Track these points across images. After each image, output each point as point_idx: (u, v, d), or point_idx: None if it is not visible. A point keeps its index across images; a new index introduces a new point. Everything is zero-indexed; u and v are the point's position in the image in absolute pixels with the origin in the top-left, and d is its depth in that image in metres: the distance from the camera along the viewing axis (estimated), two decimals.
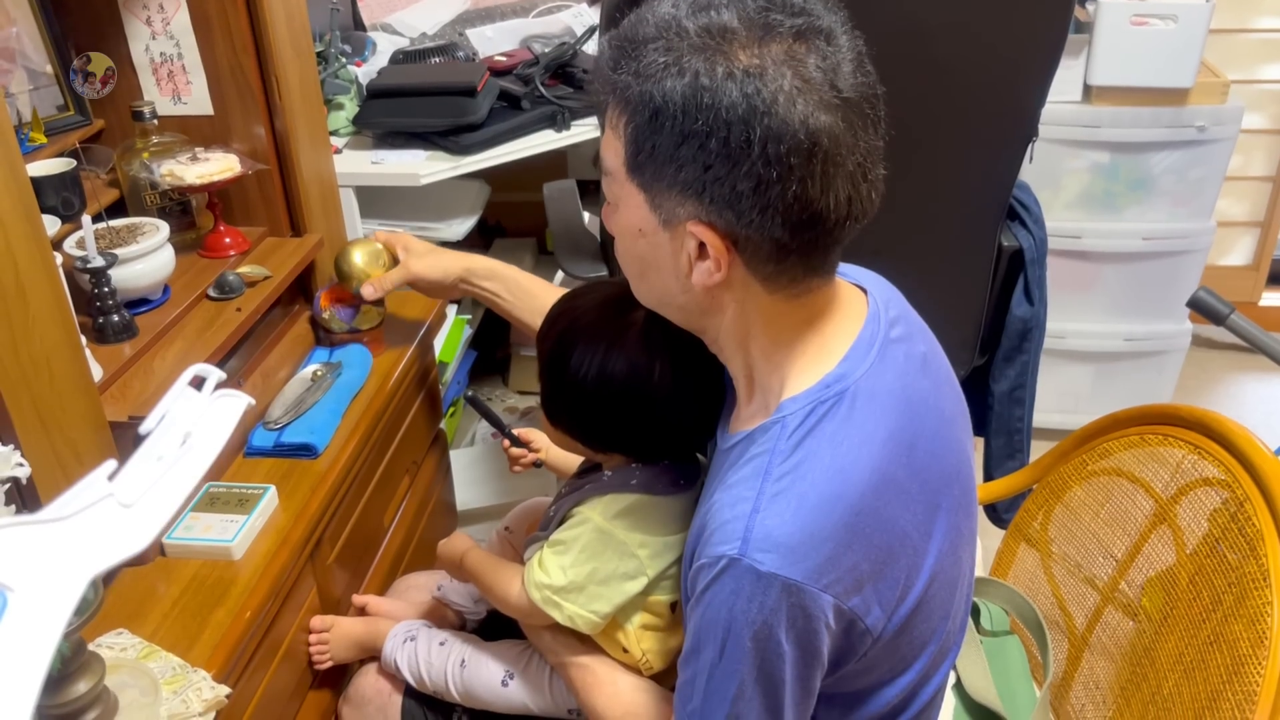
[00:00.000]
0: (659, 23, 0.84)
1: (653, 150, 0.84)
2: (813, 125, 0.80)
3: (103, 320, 1.29)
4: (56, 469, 1.03)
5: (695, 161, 0.82)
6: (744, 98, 0.79)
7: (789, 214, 0.82)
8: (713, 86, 0.80)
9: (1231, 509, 1.09)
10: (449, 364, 2.22)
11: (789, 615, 0.84)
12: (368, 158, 2.03)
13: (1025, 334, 1.89)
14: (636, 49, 0.84)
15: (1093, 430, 1.32)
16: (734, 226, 0.84)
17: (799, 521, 0.84)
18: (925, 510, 0.90)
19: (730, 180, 0.81)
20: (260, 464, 1.36)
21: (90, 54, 1.43)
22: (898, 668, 0.95)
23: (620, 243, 0.95)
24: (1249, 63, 2.78)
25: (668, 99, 0.81)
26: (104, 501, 0.69)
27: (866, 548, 0.85)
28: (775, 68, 0.80)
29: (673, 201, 0.85)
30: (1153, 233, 2.46)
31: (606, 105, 0.89)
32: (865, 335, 0.92)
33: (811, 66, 0.81)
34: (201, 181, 1.45)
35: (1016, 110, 1.65)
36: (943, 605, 0.95)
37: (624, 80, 0.84)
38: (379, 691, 1.29)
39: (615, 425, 1.08)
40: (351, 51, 2.27)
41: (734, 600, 0.85)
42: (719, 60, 0.80)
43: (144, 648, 1.07)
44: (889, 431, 0.88)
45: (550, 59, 2.19)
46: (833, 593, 0.84)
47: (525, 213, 2.76)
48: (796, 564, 0.83)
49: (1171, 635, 1.13)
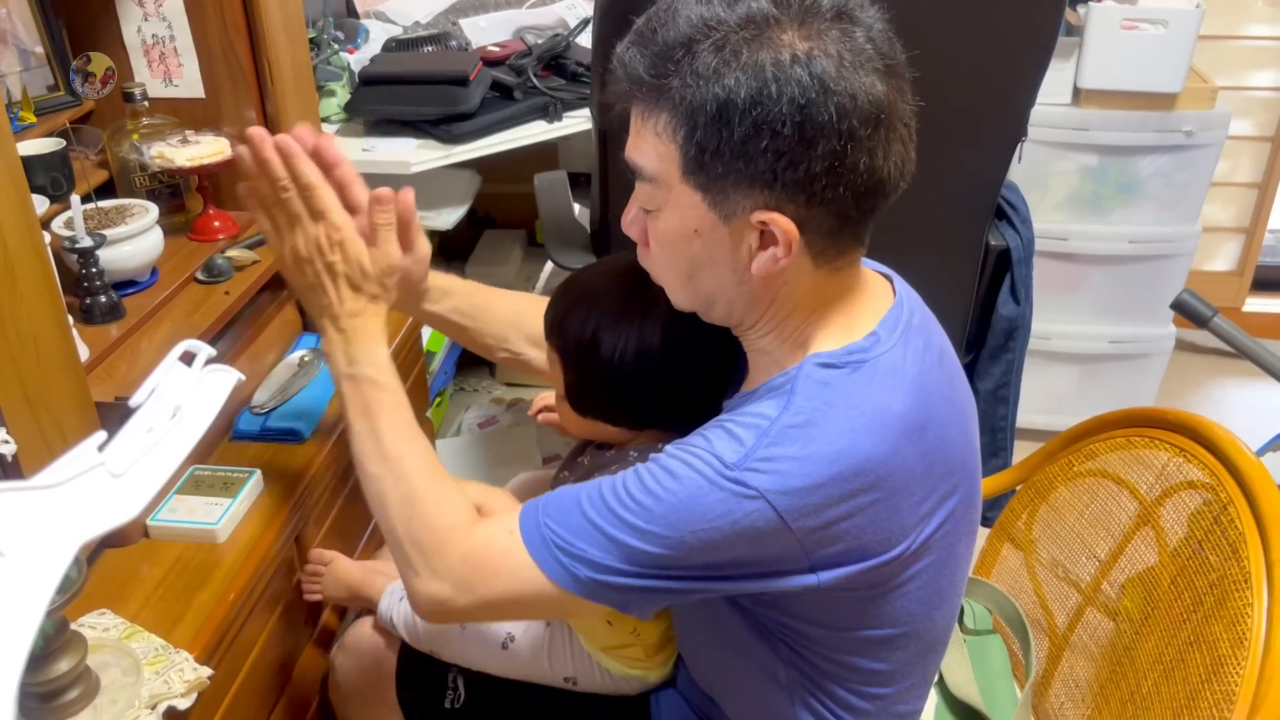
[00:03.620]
0: (694, 21, 0.83)
1: (718, 149, 0.83)
2: (874, 94, 0.82)
3: (90, 301, 1.29)
4: (42, 447, 1.02)
5: (767, 152, 0.82)
6: (813, 79, 0.80)
7: (858, 185, 0.84)
8: (781, 75, 0.80)
9: (1215, 512, 1.10)
10: (436, 354, 2.22)
11: (746, 528, 0.85)
12: (359, 145, 2.02)
13: (1011, 333, 1.91)
14: (680, 51, 0.83)
15: (1079, 431, 1.32)
16: (803, 208, 0.85)
17: (802, 458, 0.85)
18: (924, 492, 0.91)
19: (805, 163, 0.82)
20: (246, 448, 1.36)
21: (90, 54, 1.42)
22: (874, 640, 0.96)
23: (665, 248, 0.93)
24: (1237, 69, 2.80)
25: (733, 95, 0.81)
26: (94, 470, 0.69)
27: (853, 509, 0.87)
28: (832, 44, 0.81)
29: (738, 195, 0.85)
30: (1139, 236, 2.47)
31: (645, 112, 0.87)
32: (891, 317, 0.94)
33: (860, 38, 0.83)
34: (192, 164, 1.44)
35: (1006, 110, 1.66)
36: (932, 590, 0.96)
37: (676, 85, 0.83)
38: (375, 644, 1.29)
39: (654, 400, 1.08)
40: (344, 38, 2.26)
41: (708, 493, 0.86)
42: (777, 47, 0.81)
43: (126, 628, 1.06)
44: (905, 408, 0.89)
45: (543, 50, 2.19)
46: (800, 536, 0.86)
47: (516, 204, 2.76)
48: (783, 495, 0.85)
49: (1152, 635, 1.14)
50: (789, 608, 0.95)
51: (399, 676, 1.26)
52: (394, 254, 1.08)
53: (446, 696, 1.24)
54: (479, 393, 2.72)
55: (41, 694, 0.96)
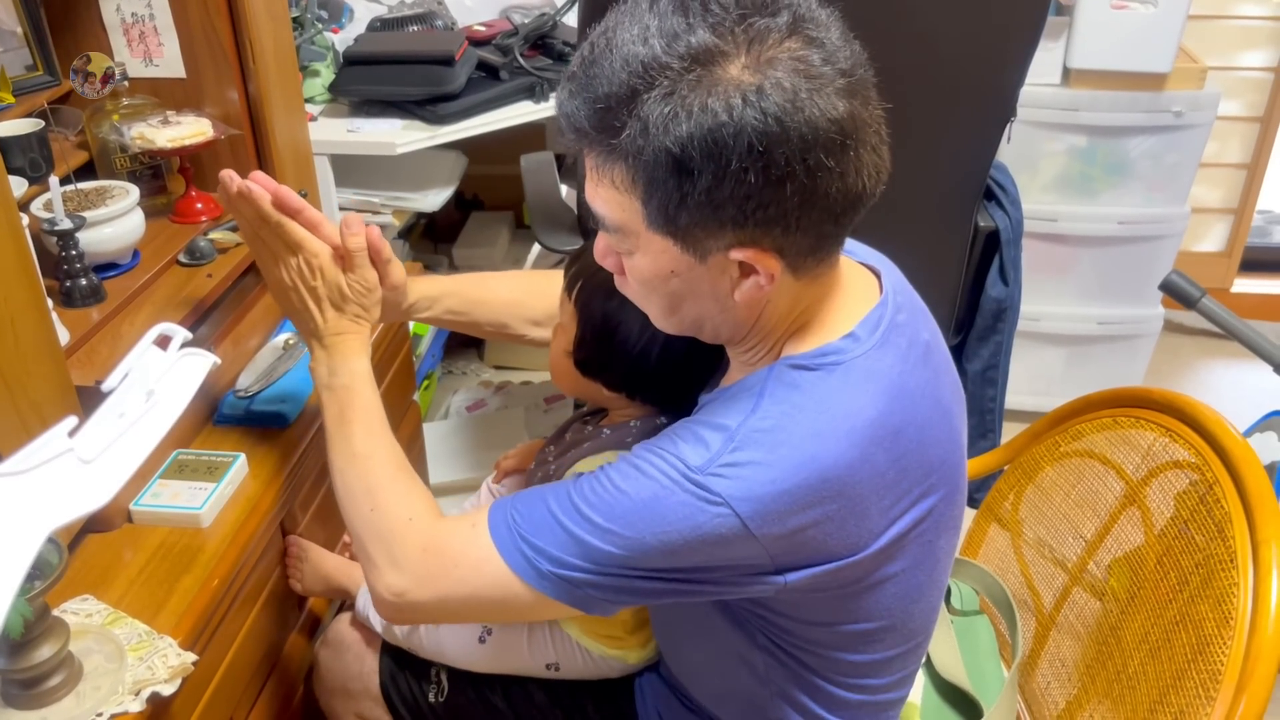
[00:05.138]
0: (633, 65, 0.78)
1: (681, 200, 0.80)
2: (836, 117, 0.78)
3: (70, 284, 1.27)
4: (21, 431, 1.01)
5: (734, 197, 0.79)
6: (768, 119, 0.76)
7: (833, 208, 0.82)
8: (733, 119, 0.76)
9: (1200, 491, 1.10)
10: (423, 337, 2.21)
11: (709, 533, 0.84)
12: (343, 125, 2.00)
13: (999, 314, 1.91)
14: (625, 104, 0.78)
15: (1066, 412, 1.32)
16: (780, 238, 0.82)
17: (767, 464, 0.84)
18: (894, 496, 0.90)
19: (776, 202, 0.79)
20: (230, 432, 1.35)
21: (90, 54, 1.41)
22: (850, 634, 0.96)
23: (643, 286, 0.91)
24: (1227, 49, 2.79)
25: (688, 148, 0.77)
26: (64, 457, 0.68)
27: (820, 517, 0.86)
28: (784, 74, 0.77)
29: (710, 238, 0.83)
30: (1128, 217, 2.47)
31: (599, 165, 0.84)
32: (872, 318, 0.92)
33: (815, 60, 0.78)
34: (173, 145, 1.43)
35: (995, 90, 1.65)
36: (910, 586, 0.95)
37: (626, 140, 0.79)
38: (357, 639, 1.29)
39: (662, 381, 1.08)
40: (328, 18, 2.24)
41: (671, 494, 0.85)
42: (726, 88, 0.76)
43: (110, 614, 1.06)
44: (877, 413, 0.88)
45: (530, 30, 2.17)
46: (765, 543, 0.85)
47: (502, 186, 2.75)
48: (747, 501, 0.83)
49: (1138, 615, 1.14)
50: (764, 601, 0.95)
51: (382, 670, 1.26)
52: (369, 277, 1.12)
53: (430, 690, 1.24)
54: (467, 376, 2.71)
55: (24, 680, 0.95)
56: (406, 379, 1.75)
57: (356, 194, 2.07)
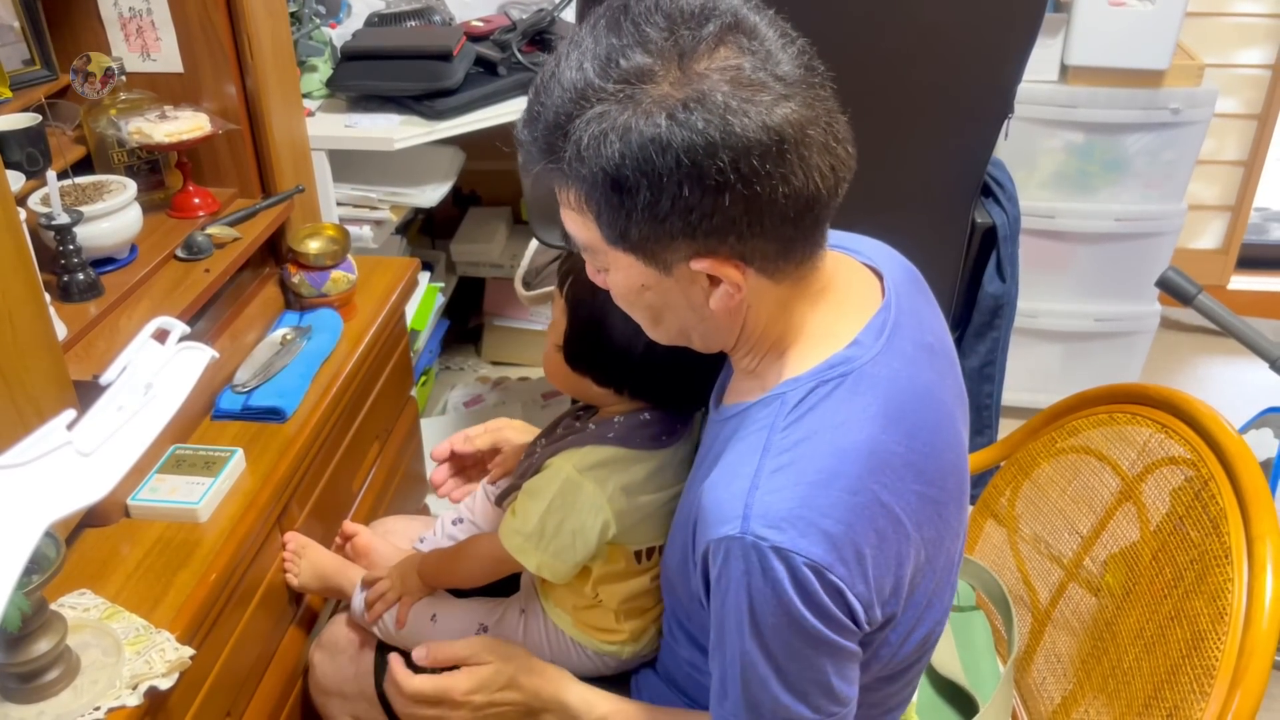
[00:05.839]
0: (568, 90, 0.79)
1: (629, 217, 0.80)
2: (772, 123, 0.77)
3: (67, 278, 1.27)
4: (19, 425, 1.01)
5: (675, 210, 0.79)
6: (695, 133, 0.76)
7: (785, 212, 0.81)
8: (661, 135, 0.76)
9: (1196, 487, 1.10)
10: (421, 332, 2.21)
11: (800, 588, 0.83)
12: (341, 121, 2.00)
13: (997, 310, 1.91)
14: (562, 129, 0.79)
15: (1062, 408, 1.33)
16: (737, 246, 0.82)
17: (799, 497, 0.83)
18: (917, 499, 0.89)
19: (717, 212, 0.79)
20: (228, 427, 1.35)
21: (90, 54, 1.41)
22: (885, 651, 0.94)
23: (623, 300, 0.92)
24: (1224, 47, 2.79)
25: (621, 168, 0.77)
26: (62, 449, 0.68)
27: (863, 528, 0.85)
28: (710, 87, 0.76)
29: (668, 250, 0.83)
30: (1125, 214, 2.47)
31: (559, 187, 0.85)
32: (876, 322, 0.91)
33: (747, 69, 0.77)
34: (170, 140, 1.43)
35: (993, 86, 1.66)
36: (926, 594, 0.95)
37: (568, 165, 0.80)
38: (351, 641, 1.28)
39: (652, 379, 1.08)
40: (326, 13, 2.24)
41: (748, 580, 0.83)
42: (652, 106, 0.76)
43: (107, 608, 1.06)
44: (889, 419, 0.87)
45: (528, 25, 2.17)
46: (834, 571, 0.83)
47: (500, 181, 2.75)
48: (800, 538, 0.82)
49: (1133, 610, 1.14)
50: None
51: (378, 671, 1.25)
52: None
53: None
54: (464, 371, 2.71)
55: (21, 674, 0.95)
56: (404, 374, 1.75)
57: (354, 189, 2.07)
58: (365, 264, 1.67)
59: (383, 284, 1.68)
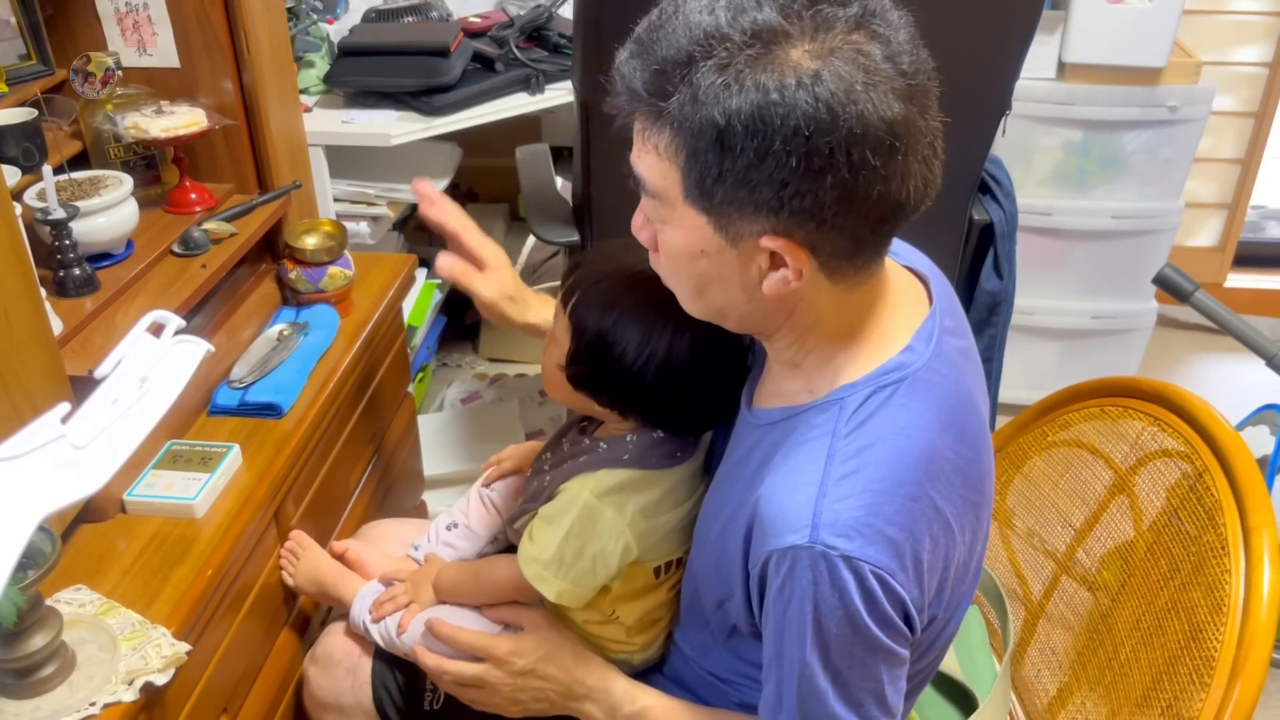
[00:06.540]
0: (695, 33, 0.77)
1: (719, 175, 0.78)
2: (889, 118, 0.76)
3: (63, 274, 1.27)
4: (14, 421, 1.01)
5: (772, 180, 0.77)
6: (819, 105, 0.74)
7: (873, 211, 0.80)
8: (784, 100, 0.74)
9: (1190, 480, 1.10)
10: (418, 329, 2.21)
11: (867, 596, 0.82)
12: (338, 117, 2.00)
13: (994, 308, 1.91)
14: (680, 69, 0.77)
15: (1053, 402, 1.33)
16: (813, 233, 0.80)
17: (866, 504, 0.83)
18: (962, 503, 0.89)
19: (813, 193, 0.77)
20: (224, 423, 1.35)
21: (90, 54, 1.41)
22: (915, 654, 0.94)
23: (671, 263, 0.89)
24: (1222, 44, 2.79)
25: (733, 121, 0.75)
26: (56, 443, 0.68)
27: (921, 534, 0.85)
28: (843, 65, 0.75)
29: (744, 220, 0.81)
30: (1122, 211, 2.48)
31: (646, 129, 0.82)
32: (926, 327, 0.91)
33: (877, 56, 0.76)
34: (167, 135, 1.42)
35: (990, 83, 1.65)
36: (959, 595, 0.95)
37: (675, 106, 0.78)
38: (347, 653, 1.26)
39: (655, 402, 1.05)
40: (323, 8, 2.23)
41: (815, 589, 0.82)
42: (782, 68, 0.75)
43: (103, 604, 1.06)
44: (942, 424, 0.87)
45: (525, 21, 2.17)
46: (896, 578, 0.83)
47: (498, 178, 2.75)
48: (867, 546, 0.82)
49: (1129, 603, 1.15)
50: None
51: (374, 682, 1.24)
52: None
53: (425, 698, 1.22)
54: (462, 368, 2.71)
55: (17, 670, 0.95)
56: (401, 371, 1.75)
57: (351, 185, 2.07)
58: (362, 260, 1.67)
59: (380, 280, 1.68)
